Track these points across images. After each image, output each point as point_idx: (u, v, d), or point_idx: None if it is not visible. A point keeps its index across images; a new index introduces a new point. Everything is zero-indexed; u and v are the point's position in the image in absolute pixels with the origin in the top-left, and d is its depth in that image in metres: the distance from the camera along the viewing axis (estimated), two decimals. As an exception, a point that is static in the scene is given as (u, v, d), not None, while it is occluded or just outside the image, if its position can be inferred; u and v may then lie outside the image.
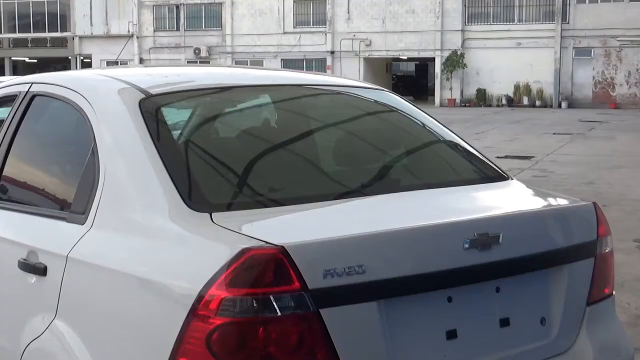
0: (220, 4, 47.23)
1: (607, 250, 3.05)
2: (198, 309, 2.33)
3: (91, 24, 49.55)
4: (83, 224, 2.91)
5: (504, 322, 2.75)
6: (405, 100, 3.75)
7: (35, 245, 3.13)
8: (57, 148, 3.60)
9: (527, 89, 39.93)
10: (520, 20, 41.06)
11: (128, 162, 2.87)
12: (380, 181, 3.23)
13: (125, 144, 2.90)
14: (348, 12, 44.21)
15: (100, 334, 2.72)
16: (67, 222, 3.02)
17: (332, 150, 3.43)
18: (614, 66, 39.21)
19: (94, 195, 2.90)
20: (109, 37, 49.06)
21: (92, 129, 3.03)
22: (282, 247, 2.32)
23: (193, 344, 2.34)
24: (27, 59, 53.83)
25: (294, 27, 45.60)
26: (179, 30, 48.36)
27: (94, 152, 2.98)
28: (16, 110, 3.54)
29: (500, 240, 2.67)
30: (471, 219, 2.73)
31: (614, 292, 3.14)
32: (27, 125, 3.53)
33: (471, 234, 2.61)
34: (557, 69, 39.63)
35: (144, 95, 3.02)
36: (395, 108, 3.69)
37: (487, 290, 2.73)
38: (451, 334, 2.62)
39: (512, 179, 3.43)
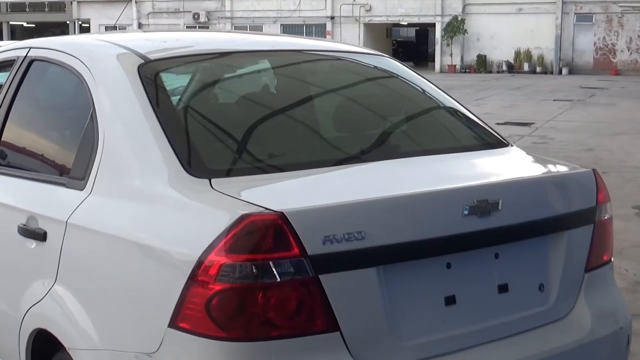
0: (220, -32, 46.88)
1: (606, 217, 3.05)
2: (198, 275, 2.33)
3: (90, -12, 49.24)
4: (82, 190, 2.91)
5: (503, 288, 2.76)
6: (405, 66, 3.73)
7: (34, 210, 3.13)
8: (55, 113, 3.59)
9: (528, 55, 39.72)
10: (521, -14, 40.78)
11: (127, 127, 2.86)
12: (380, 147, 3.22)
13: (124, 109, 2.89)
14: (348, -23, 43.90)
15: (100, 299, 2.73)
16: (67, 187, 3.02)
17: (332, 116, 3.42)
18: (615, 32, 38.97)
19: (93, 161, 2.90)
20: (107, 1, 48.68)
21: (91, 94, 3.02)
22: (282, 213, 2.32)
23: (193, 310, 2.35)
24: (25, 24, 53.49)
25: (293, -8, 45.31)
26: (178, -6, 48.05)
27: (93, 118, 2.97)
28: (14, 75, 3.52)
29: (499, 207, 2.67)
30: (471, 186, 2.73)
31: (612, 259, 3.15)
32: (25, 91, 3.51)
33: (470, 201, 2.61)
34: (558, 35, 39.40)
35: (142, 61, 3.01)
36: (395, 74, 3.67)
37: (486, 257, 2.73)
38: (450, 300, 2.63)
39: (511, 146, 3.42)
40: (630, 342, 3.08)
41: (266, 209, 2.35)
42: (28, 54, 3.52)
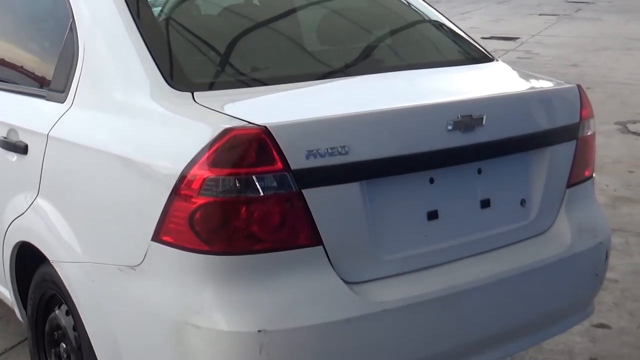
0: None
1: (589, 133, 3.05)
2: (181, 189, 2.33)
3: None
4: (63, 102, 2.88)
5: (485, 203, 2.77)
6: (391, -22, 3.66)
7: (15, 123, 3.10)
8: (34, 24, 3.52)
9: (515, -32, 39.20)
10: None
11: (107, 39, 2.81)
12: (364, 61, 3.19)
13: (104, 20, 2.84)
14: None
15: (83, 212, 2.72)
16: (47, 100, 2.99)
17: (316, 29, 3.37)
18: (603, -55, 38.42)
19: (73, 73, 2.86)
20: None
21: (70, 4, 2.96)
22: (265, 127, 2.31)
23: (176, 223, 2.35)
24: None
25: None
26: None
27: (72, 29, 2.92)
28: (-9, -16, 3.44)
29: (483, 122, 2.66)
30: (455, 101, 2.71)
31: (594, 175, 3.16)
32: (2, 1, 3.43)
33: (455, 116, 2.60)
34: (546, -52, 38.81)
35: (123, -30, 2.93)
36: (381, -14, 3.61)
37: (468, 172, 2.74)
38: (432, 215, 2.65)
39: (497, 61, 3.40)
40: (609, 257, 3.12)
41: (249, 122, 2.33)
42: None
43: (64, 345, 2.98)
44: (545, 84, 3.17)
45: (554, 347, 3.76)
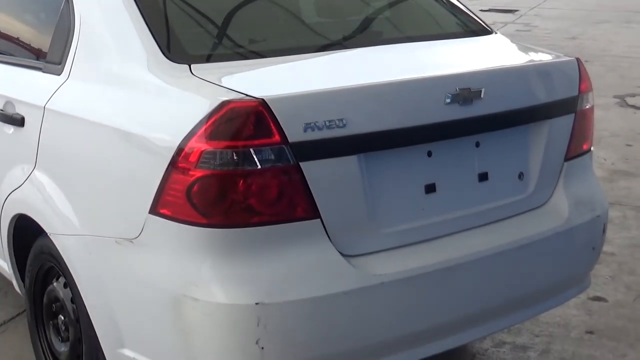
0: None
1: (587, 107, 3.05)
2: (178, 162, 2.32)
3: None
4: (59, 75, 2.86)
5: (483, 177, 2.77)
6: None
7: (11, 95, 3.09)
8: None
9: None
10: None
11: (104, 10, 2.80)
12: (362, 34, 3.18)
13: (100, -9, 2.81)
14: None
15: (80, 185, 2.72)
16: (43, 72, 2.97)
17: (314, 1, 3.35)
18: None
19: (70, 45, 2.84)
20: None
21: (66, -25, 2.93)
22: (263, 99, 2.30)
23: (173, 196, 2.35)
24: None
25: None
26: None
27: (69, 0, 2.90)
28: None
29: (482, 95, 2.65)
30: (453, 74, 2.70)
31: (592, 148, 3.16)
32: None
33: (453, 89, 2.59)
34: None
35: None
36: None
37: (466, 145, 2.73)
38: (430, 188, 2.64)
39: (495, 33, 3.38)
40: (606, 230, 3.13)
41: (247, 95, 2.32)
42: None
43: (62, 317, 2.99)
44: (544, 57, 3.16)
45: (550, 320, 3.78)
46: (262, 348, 2.31)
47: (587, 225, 2.99)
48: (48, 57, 2.98)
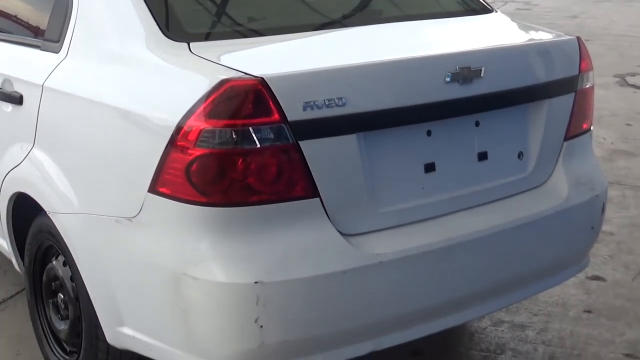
0: None
1: (587, 86, 3.04)
2: (177, 140, 2.32)
3: None
4: (58, 53, 2.85)
5: (482, 156, 2.77)
6: None
7: (9, 73, 3.08)
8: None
9: None
10: None
11: (102, -12, 2.78)
12: (362, 12, 3.16)
13: (99, -31, 2.80)
14: None
15: (79, 163, 2.72)
16: (42, 50, 2.96)
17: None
18: None
19: (68, 23, 2.83)
20: None
21: (64, -48, 2.91)
22: (262, 78, 2.29)
23: (172, 174, 2.34)
24: None
25: None
26: None
27: (67, -23, 2.88)
28: None
29: (482, 74, 2.64)
30: (453, 52, 2.69)
31: (592, 128, 3.16)
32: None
33: (453, 68, 2.58)
34: None
35: None
36: None
37: (466, 124, 2.73)
38: (429, 167, 2.64)
39: (495, 12, 3.37)
40: (605, 210, 3.13)
41: (246, 74, 2.31)
42: None
43: (62, 296, 2.99)
44: (544, 36, 3.15)
45: (548, 299, 3.79)
46: (261, 326, 2.32)
47: (586, 205, 2.99)
48: (46, 34, 2.97)
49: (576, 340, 3.47)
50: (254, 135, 2.29)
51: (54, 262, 3.00)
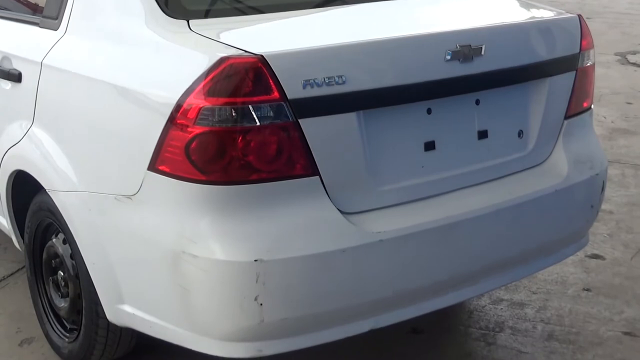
0: None
1: (588, 64, 3.03)
2: (176, 118, 2.31)
3: None
4: (56, 30, 2.84)
5: (482, 134, 2.76)
6: None
7: (8, 50, 3.07)
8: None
9: None
10: None
11: (101, -35, 2.76)
12: (363, -11, 3.14)
13: (97, -55, 2.78)
14: None
15: (79, 141, 2.71)
16: (40, 27, 2.95)
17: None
18: None
19: (67, 0, 2.81)
20: None
21: None
22: (262, 56, 2.28)
23: (172, 153, 2.34)
24: None
25: None
26: None
27: (65, -46, 2.86)
28: None
29: (482, 52, 2.63)
30: (454, 30, 2.68)
31: (592, 106, 3.15)
32: None
33: (453, 45, 2.57)
34: None
35: None
36: None
37: (466, 103, 2.72)
38: (429, 146, 2.64)
39: (497, -11, 3.35)
40: (605, 189, 3.13)
41: (246, 51, 2.30)
42: None
43: (62, 273, 3.00)
44: (545, 14, 3.13)
45: (547, 278, 3.80)
46: (261, 304, 2.32)
47: (585, 183, 2.99)
48: (45, 11, 2.95)
49: (575, 318, 3.48)
50: (253, 113, 2.28)
51: (54, 240, 3.01)
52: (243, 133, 2.29)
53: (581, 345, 3.28)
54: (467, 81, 2.64)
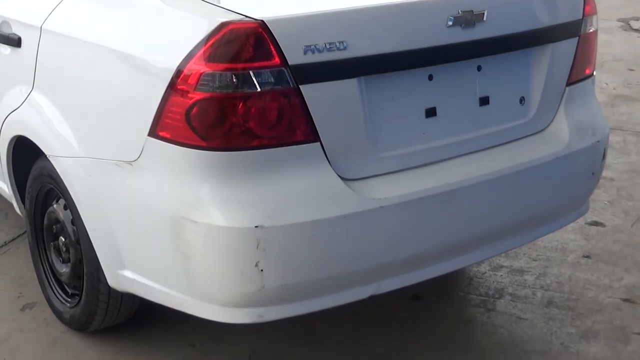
0: None
1: (591, 30, 3.01)
2: (177, 84, 2.30)
3: None
4: (56, -6, 2.82)
5: (484, 101, 2.75)
6: None
7: (7, 15, 3.05)
8: None
9: None
10: None
11: None
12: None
13: None
14: None
15: (79, 106, 2.70)
16: (40, -9, 2.92)
17: None
18: None
19: (66, -36, 2.79)
20: None
21: None
22: (262, 21, 2.26)
23: (172, 118, 2.33)
24: None
25: None
26: None
27: None
28: None
29: (484, 18, 2.61)
30: (456, -4, 2.66)
31: (594, 73, 3.13)
32: None
33: (455, 11, 2.55)
34: None
35: None
36: None
37: (468, 69, 2.71)
38: (430, 112, 2.63)
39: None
40: (606, 155, 3.12)
41: (246, 17, 2.29)
42: None
43: (63, 239, 3.01)
44: (548, -21, 3.10)
45: (548, 244, 3.80)
46: (262, 270, 2.33)
47: (587, 150, 2.98)
48: (44, -25, 2.93)
49: (574, 285, 3.50)
50: (254, 79, 2.27)
51: (55, 206, 3.01)
52: (244, 99, 2.28)
53: (580, 311, 3.30)
54: (469, 47, 2.63)
